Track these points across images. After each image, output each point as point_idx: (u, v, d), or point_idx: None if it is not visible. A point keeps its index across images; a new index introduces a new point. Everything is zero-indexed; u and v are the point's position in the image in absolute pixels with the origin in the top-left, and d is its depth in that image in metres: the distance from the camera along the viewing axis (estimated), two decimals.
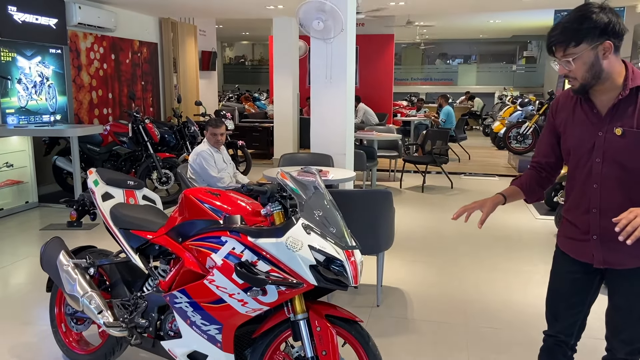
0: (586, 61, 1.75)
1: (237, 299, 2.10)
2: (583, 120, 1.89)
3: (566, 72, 1.79)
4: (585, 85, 1.80)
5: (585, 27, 1.72)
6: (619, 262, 1.89)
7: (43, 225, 5.75)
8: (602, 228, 1.87)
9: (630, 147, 1.78)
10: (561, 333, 2.12)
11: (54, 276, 2.69)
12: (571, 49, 1.74)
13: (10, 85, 6.77)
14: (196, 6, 8.99)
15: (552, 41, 1.78)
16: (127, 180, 2.84)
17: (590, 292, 2.04)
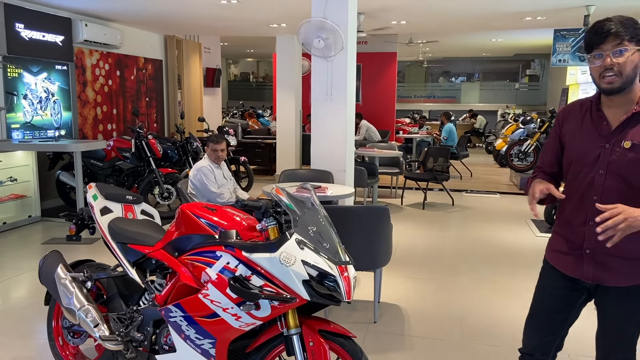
0: (634, 61, 1.76)
1: (231, 314, 2.12)
2: (591, 132, 1.89)
3: (612, 65, 1.75)
4: (624, 85, 1.77)
5: (638, 27, 1.76)
6: (608, 279, 1.88)
7: (45, 239, 5.79)
8: (597, 242, 1.84)
9: (635, 161, 1.79)
10: (537, 351, 2.10)
11: (51, 289, 2.72)
12: (626, 42, 1.74)
13: (16, 100, 6.88)
14: (201, 24, 9.14)
15: (610, 29, 1.74)
16: (126, 195, 2.88)
17: (573, 312, 2.04)
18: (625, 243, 1.80)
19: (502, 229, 6.36)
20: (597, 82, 1.82)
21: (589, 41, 1.81)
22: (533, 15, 7.79)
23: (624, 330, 1.94)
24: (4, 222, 6.17)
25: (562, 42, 7.69)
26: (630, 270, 1.86)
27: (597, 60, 1.78)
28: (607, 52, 1.75)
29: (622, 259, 1.86)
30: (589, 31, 1.82)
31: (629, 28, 1.75)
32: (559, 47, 7.72)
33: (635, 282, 1.87)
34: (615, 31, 1.74)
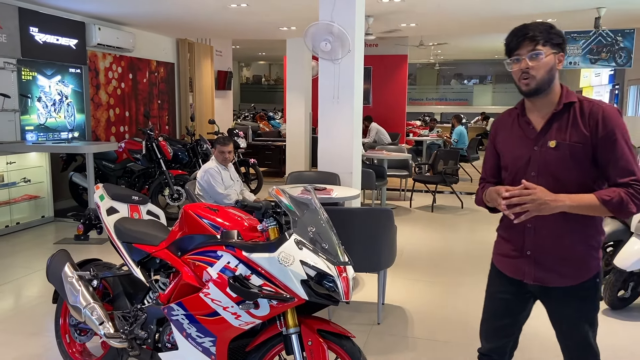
0: (548, 63, 1.83)
1: (231, 312, 2.15)
2: (520, 136, 1.96)
3: (527, 68, 1.83)
4: (540, 87, 1.85)
5: (553, 32, 1.84)
6: (550, 280, 1.93)
7: (57, 239, 5.89)
8: (536, 244, 1.92)
9: (563, 159, 1.85)
10: (493, 352, 2.15)
11: (58, 287, 2.78)
12: (540, 46, 1.81)
13: (30, 103, 7.01)
14: (212, 27, 9.23)
15: (526, 34, 1.82)
16: (132, 195, 2.94)
17: (523, 314, 2.08)
18: (568, 243, 1.89)
19: None
20: (517, 84, 1.90)
21: (507, 46, 1.89)
22: (544, 17, 7.75)
23: (576, 331, 1.97)
24: (17, 222, 6.28)
25: (573, 45, 7.64)
26: (571, 270, 1.91)
27: (515, 65, 1.86)
28: (524, 56, 1.83)
29: (562, 259, 1.90)
30: (507, 37, 1.89)
31: (543, 32, 1.82)
32: (569, 50, 7.66)
33: (576, 282, 1.91)
34: (531, 35, 1.82)
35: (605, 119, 1.81)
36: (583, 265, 1.91)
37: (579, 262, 1.90)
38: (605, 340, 3.54)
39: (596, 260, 1.93)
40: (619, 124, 1.82)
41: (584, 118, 1.85)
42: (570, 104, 1.88)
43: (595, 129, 1.82)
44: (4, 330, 3.57)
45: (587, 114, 1.85)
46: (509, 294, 2.05)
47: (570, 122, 1.86)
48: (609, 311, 3.98)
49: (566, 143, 1.85)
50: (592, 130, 1.82)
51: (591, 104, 1.86)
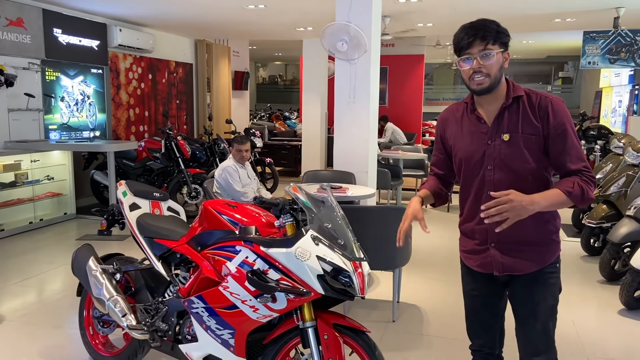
0: (499, 62, 1.87)
1: (249, 305, 2.22)
2: (472, 132, 1.99)
3: (480, 68, 1.85)
4: (493, 85, 1.88)
5: (501, 31, 1.88)
6: (517, 267, 1.97)
7: (79, 236, 6.04)
8: (499, 234, 1.90)
9: (516, 151, 1.89)
10: (484, 347, 2.19)
11: (83, 280, 2.88)
12: (490, 45, 1.84)
13: (53, 103, 7.18)
14: (230, 29, 9.34)
15: (478, 33, 1.84)
16: (154, 192, 3.02)
17: (500, 304, 2.13)
18: (528, 229, 1.91)
19: None
20: (467, 83, 1.91)
21: (457, 45, 1.90)
22: (562, 16, 7.70)
23: (536, 315, 1.99)
24: (40, 218, 6.45)
25: (592, 44, 7.57)
26: (534, 255, 1.96)
27: (465, 64, 1.88)
28: (475, 56, 1.85)
29: (526, 245, 1.95)
30: (456, 35, 1.91)
31: (492, 32, 1.85)
32: (588, 49, 7.60)
33: (541, 266, 1.96)
34: (481, 35, 1.84)
35: (554, 110, 1.87)
36: (545, 248, 1.97)
37: (540, 246, 1.96)
38: (621, 341, 3.54)
39: (556, 244, 1.99)
40: (566, 115, 1.89)
41: (534, 110, 1.89)
42: (518, 97, 1.92)
43: (547, 120, 1.87)
44: (29, 323, 3.69)
45: (536, 106, 1.89)
46: (482, 289, 2.10)
47: (520, 114, 1.90)
48: (625, 311, 3.97)
49: (519, 135, 1.89)
50: (543, 121, 1.87)
51: (538, 96, 1.91)
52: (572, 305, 4.06)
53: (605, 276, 4.55)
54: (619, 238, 4.18)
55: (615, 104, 11.66)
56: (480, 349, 2.20)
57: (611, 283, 4.53)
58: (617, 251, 4.44)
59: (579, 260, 5.23)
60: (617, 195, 4.98)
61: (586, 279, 4.67)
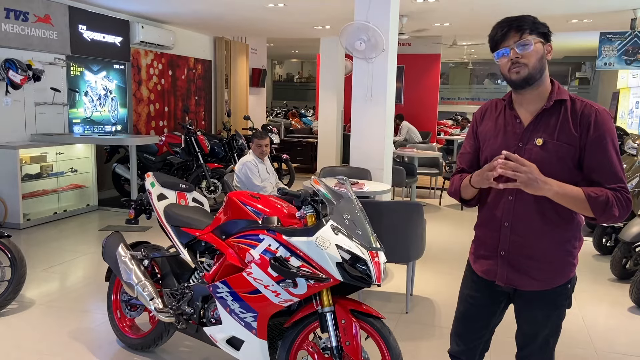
0: (538, 52, 1.76)
1: (271, 290, 2.35)
2: (505, 131, 1.88)
3: (517, 57, 1.76)
4: (531, 76, 1.77)
5: (538, 22, 1.79)
6: (522, 283, 1.87)
7: (102, 227, 6.24)
8: (512, 243, 1.85)
9: (548, 158, 1.77)
10: (463, 355, 2.10)
11: (112, 266, 3.04)
12: (527, 35, 1.75)
13: (77, 97, 7.39)
14: (249, 26, 9.49)
15: (512, 24, 1.77)
16: (180, 183, 3.17)
17: (494, 318, 2.03)
18: (543, 245, 1.82)
19: None
20: (507, 76, 1.81)
21: (493, 41, 1.82)
22: (579, 17, 7.72)
23: (538, 334, 1.93)
24: (64, 209, 6.66)
25: (608, 45, 7.58)
26: (543, 274, 1.84)
27: (503, 58, 1.79)
28: (512, 47, 1.76)
29: (536, 262, 1.84)
30: (491, 31, 1.83)
31: (527, 22, 1.77)
32: (604, 50, 7.61)
33: (548, 287, 1.86)
34: (516, 26, 1.76)
35: (597, 122, 1.74)
36: (557, 270, 1.85)
37: (552, 267, 1.84)
38: (630, 336, 3.62)
39: (571, 266, 1.87)
40: (609, 128, 1.75)
41: (575, 118, 1.77)
42: (561, 102, 1.81)
43: (586, 131, 1.74)
44: (58, 308, 3.87)
45: (578, 114, 1.77)
46: (481, 297, 2.00)
47: (560, 120, 1.78)
48: (635, 309, 4.04)
49: (554, 142, 1.77)
50: (583, 132, 1.75)
51: (584, 104, 1.79)
52: (583, 303, 4.14)
53: (617, 274, 4.62)
54: (631, 237, 4.25)
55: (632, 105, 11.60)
56: (458, 356, 2.11)
57: (622, 281, 4.60)
58: (629, 250, 4.50)
59: (591, 258, 5.29)
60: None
61: (597, 277, 4.74)
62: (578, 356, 3.31)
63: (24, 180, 6.10)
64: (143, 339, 3.11)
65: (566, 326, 1.97)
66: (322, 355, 2.42)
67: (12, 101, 6.39)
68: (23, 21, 6.35)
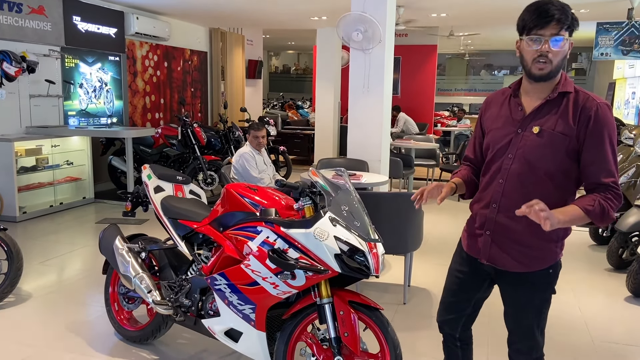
0: (565, 50, 1.78)
1: (270, 282, 2.35)
2: (507, 117, 1.93)
3: (547, 52, 1.74)
4: (553, 73, 1.79)
5: (575, 19, 1.78)
6: (502, 263, 1.93)
7: (98, 219, 6.22)
8: (497, 224, 1.91)
9: (542, 147, 1.81)
10: (445, 325, 2.23)
11: (110, 258, 3.03)
12: (564, 31, 1.74)
13: (72, 89, 7.34)
14: (245, 17, 9.43)
15: (554, 15, 1.72)
16: (176, 175, 3.16)
17: (478, 294, 2.11)
18: (527, 231, 1.86)
19: None
20: (529, 66, 1.80)
21: (528, 23, 1.76)
22: (576, 7, 7.69)
23: (521, 318, 1.98)
24: (60, 202, 6.64)
25: (605, 36, 7.57)
26: (525, 258, 1.89)
27: (534, 44, 1.76)
28: (546, 38, 1.74)
29: (518, 245, 1.89)
30: (529, 11, 1.77)
31: (568, 17, 1.74)
32: (601, 41, 7.60)
33: (527, 270, 1.91)
34: (558, 17, 1.72)
35: (597, 116, 1.77)
36: (537, 255, 1.90)
37: (533, 252, 1.89)
38: (626, 326, 3.65)
39: (553, 254, 1.92)
40: (609, 123, 1.78)
41: (576, 110, 1.80)
42: (565, 94, 1.83)
43: (586, 124, 1.78)
44: (55, 300, 3.86)
45: (580, 106, 1.79)
46: (465, 272, 2.09)
47: (560, 111, 1.81)
48: (631, 298, 4.07)
49: (550, 131, 1.81)
50: (582, 124, 1.78)
51: (587, 96, 1.81)
52: (579, 293, 4.16)
53: (613, 264, 4.64)
54: (627, 227, 4.26)
55: (628, 96, 11.61)
56: (442, 326, 2.25)
57: (618, 271, 4.62)
58: (625, 240, 4.52)
59: (587, 249, 5.31)
60: (626, 185, 5.05)
61: (594, 268, 4.76)
62: (574, 345, 3.33)
63: (19, 173, 6.07)
64: (141, 331, 3.11)
65: (563, 316, 1.99)
66: (321, 346, 2.43)
67: (7, 93, 6.33)
68: (17, 12, 6.28)
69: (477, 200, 2.04)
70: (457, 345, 2.26)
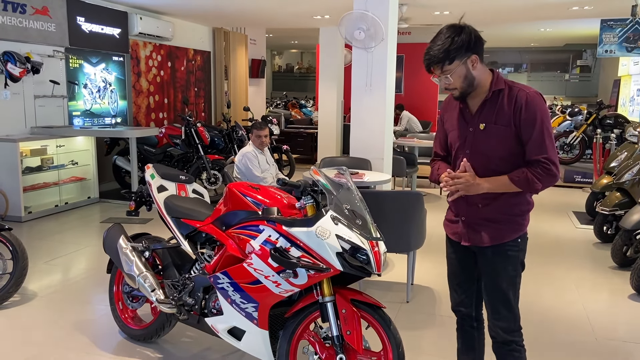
0: (460, 74, 2.09)
1: (272, 281, 2.36)
2: (460, 119, 2.24)
3: (447, 86, 2.12)
4: (463, 93, 2.14)
5: (453, 49, 2.05)
6: (479, 240, 2.22)
7: (103, 219, 6.25)
8: (468, 211, 2.24)
9: (489, 139, 2.13)
10: (461, 306, 2.42)
11: (114, 257, 3.05)
12: (447, 66, 2.07)
13: (77, 89, 7.38)
14: (248, 17, 9.44)
15: (430, 62, 2.09)
16: (180, 175, 3.18)
17: (474, 271, 2.34)
18: (493, 209, 2.17)
19: (541, 220, 6.36)
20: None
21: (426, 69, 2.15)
22: (580, 4, 7.66)
23: (497, 287, 2.22)
24: (65, 202, 6.67)
25: (609, 33, 7.53)
26: (496, 232, 2.18)
27: (437, 81, 2.16)
28: (440, 77, 2.12)
29: (490, 222, 2.19)
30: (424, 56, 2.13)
31: (444, 53, 2.04)
32: (605, 38, 7.56)
33: (502, 241, 2.18)
34: (434, 63, 2.08)
35: (528, 104, 2.06)
36: (506, 228, 2.18)
37: (501, 226, 2.18)
38: (630, 323, 3.64)
39: (520, 225, 2.20)
40: (541, 109, 2.07)
41: (511, 102, 2.09)
42: (499, 91, 2.12)
43: (520, 112, 2.06)
44: (60, 300, 3.89)
45: (513, 99, 2.09)
46: (458, 254, 2.37)
47: (497, 106, 2.12)
48: (635, 296, 4.06)
49: (492, 125, 2.12)
50: (516, 113, 2.07)
51: (517, 89, 2.10)
52: (583, 290, 4.15)
53: (617, 262, 4.62)
54: (631, 225, 4.25)
55: (633, 93, 11.55)
56: (458, 308, 2.43)
57: (623, 269, 4.61)
58: (629, 238, 4.50)
59: (591, 246, 5.30)
60: (630, 182, 5.03)
61: (598, 265, 4.75)
62: (578, 343, 3.32)
63: (24, 173, 6.11)
64: (145, 329, 3.12)
65: (566, 313, 2.02)
66: (323, 344, 2.44)
67: (12, 94, 6.37)
68: (21, 13, 6.32)
69: (450, 193, 2.26)
70: (474, 326, 2.43)
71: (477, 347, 2.46)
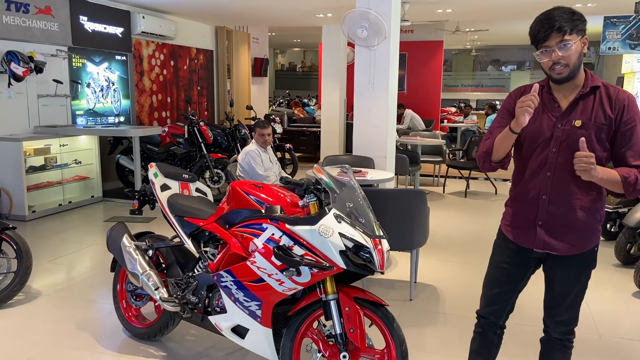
0: (577, 50, 1.92)
1: (275, 279, 2.36)
2: (543, 113, 2.06)
3: (559, 59, 1.91)
4: (572, 73, 1.95)
5: (577, 19, 1.91)
6: (558, 248, 2.09)
7: (106, 218, 6.27)
8: (549, 214, 2.07)
9: (586, 137, 1.94)
10: (491, 315, 2.34)
11: (117, 256, 3.06)
12: (568, 35, 1.89)
13: (80, 89, 7.39)
14: (250, 15, 9.44)
15: (552, 26, 1.88)
16: (183, 174, 3.18)
17: (522, 282, 2.27)
18: (577, 215, 2.04)
19: None
20: (548, 73, 1.98)
21: (534, 38, 1.95)
22: (583, 1, 7.63)
23: (569, 293, 2.16)
24: (69, 201, 6.69)
25: (612, 30, 7.51)
26: (577, 240, 2.08)
27: (544, 56, 1.94)
28: (553, 48, 1.91)
29: (570, 229, 2.06)
30: (532, 28, 1.95)
31: (569, 21, 1.89)
32: (608, 35, 7.54)
33: (580, 251, 2.09)
34: (558, 27, 1.88)
35: (630, 106, 1.98)
36: (587, 236, 2.08)
37: (585, 234, 2.07)
38: (633, 321, 3.64)
39: (598, 232, 2.12)
40: (637, 111, 1.99)
41: (611, 101, 1.99)
42: (595, 88, 2.01)
43: (621, 113, 1.97)
44: (64, 298, 3.90)
45: (613, 98, 1.99)
46: (513, 263, 2.22)
47: (595, 104, 1.99)
48: (638, 293, 4.05)
49: (592, 123, 1.98)
50: (618, 114, 1.97)
51: (616, 90, 2.01)
52: (587, 288, 4.13)
53: (621, 260, 4.61)
54: (635, 222, 4.24)
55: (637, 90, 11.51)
56: (487, 316, 2.35)
57: (626, 266, 4.60)
58: (633, 235, 4.50)
59: None
60: None
61: (601, 263, 4.72)
62: (582, 341, 3.31)
63: (28, 172, 6.13)
64: (149, 328, 3.13)
65: None
66: (327, 342, 2.44)
67: (15, 93, 6.39)
68: (24, 13, 6.33)
69: (521, 194, 2.14)
70: (497, 334, 2.38)
71: (494, 350, 2.42)
